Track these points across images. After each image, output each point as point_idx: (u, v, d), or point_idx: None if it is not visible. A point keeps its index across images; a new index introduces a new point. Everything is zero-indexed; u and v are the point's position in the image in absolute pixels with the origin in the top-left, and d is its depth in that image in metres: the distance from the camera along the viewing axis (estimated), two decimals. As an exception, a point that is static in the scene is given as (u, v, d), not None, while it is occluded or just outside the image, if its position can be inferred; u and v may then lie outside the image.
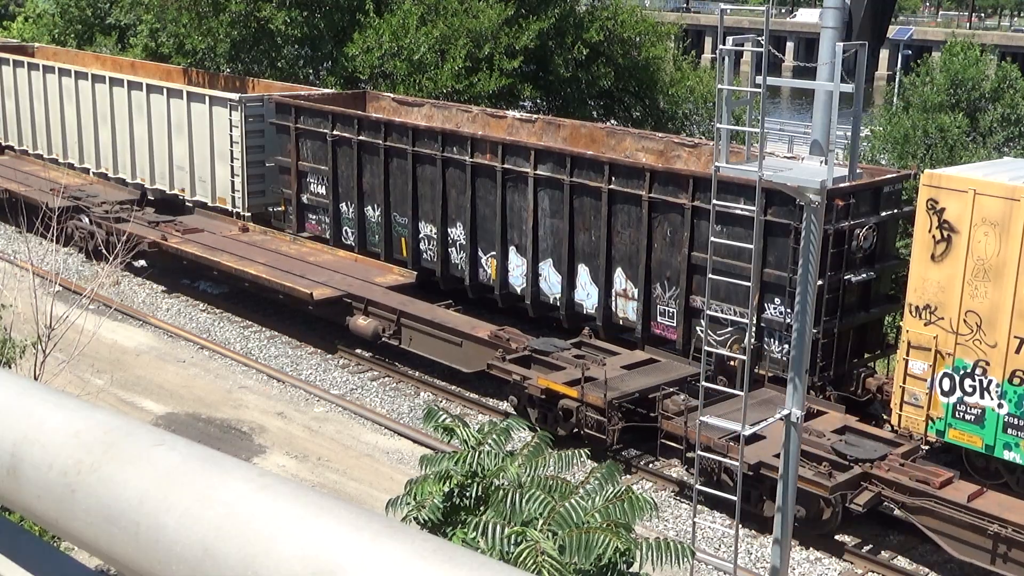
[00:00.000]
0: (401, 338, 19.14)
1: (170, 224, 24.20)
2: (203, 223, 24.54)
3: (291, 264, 21.55)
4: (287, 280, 20.54)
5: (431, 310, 19.17)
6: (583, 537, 6.23)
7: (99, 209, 25.08)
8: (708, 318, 14.67)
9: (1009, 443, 14.06)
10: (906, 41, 61.12)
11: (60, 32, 36.39)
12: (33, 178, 27.29)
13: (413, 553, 1.50)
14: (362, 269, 21.36)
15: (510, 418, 7.59)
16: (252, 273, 21.04)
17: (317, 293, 19.84)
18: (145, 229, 23.35)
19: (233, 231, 23.94)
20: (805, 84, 10.25)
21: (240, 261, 21.69)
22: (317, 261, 21.85)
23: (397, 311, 19.12)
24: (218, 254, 22.17)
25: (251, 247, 22.74)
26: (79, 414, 1.98)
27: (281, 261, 21.75)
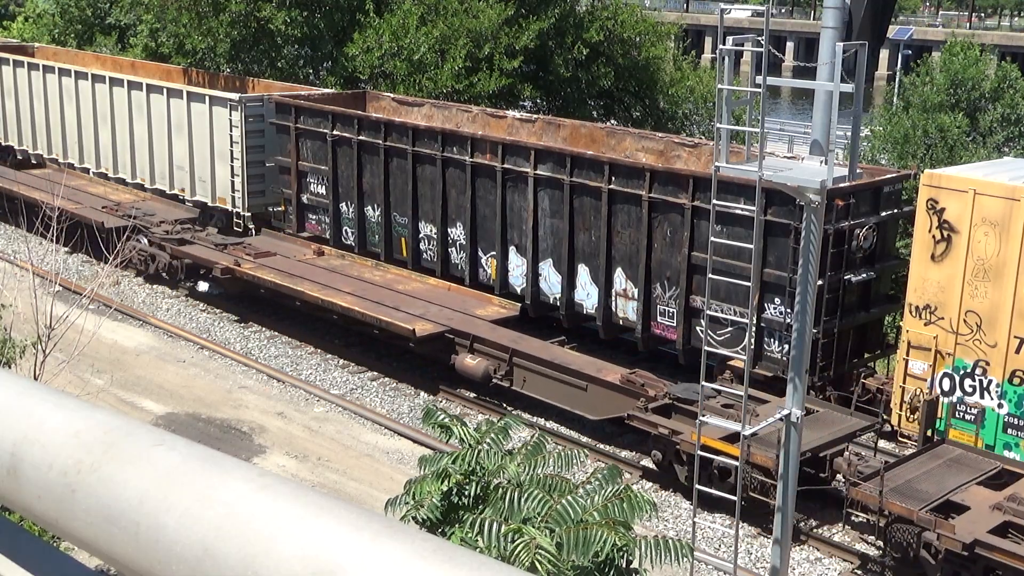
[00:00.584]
0: (513, 379, 17.31)
1: (239, 247, 22.64)
2: (272, 245, 22.98)
3: (379, 293, 19.90)
4: (384, 314, 18.74)
5: (547, 349, 17.50)
6: (580, 533, 6.23)
7: (158, 229, 23.83)
8: (708, 318, 14.66)
9: (1009, 443, 14.06)
10: (906, 41, 61.12)
11: (60, 32, 36.39)
12: (81, 194, 26.23)
13: (413, 553, 1.50)
14: (458, 299, 19.66)
15: (506, 417, 7.60)
16: (342, 305, 19.40)
17: (419, 329, 18.08)
18: (213, 252, 22.31)
19: (307, 255, 22.34)
20: (805, 84, 10.25)
21: (325, 291, 20.04)
22: (406, 290, 20.18)
23: (509, 349, 17.38)
24: (298, 282, 20.54)
25: (331, 273, 21.07)
26: (79, 414, 1.98)
27: (368, 290, 20.09)
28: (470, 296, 19.75)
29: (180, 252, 22.84)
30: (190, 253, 22.61)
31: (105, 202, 25.82)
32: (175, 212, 25.13)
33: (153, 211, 25.07)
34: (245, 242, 23.07)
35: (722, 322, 16.16)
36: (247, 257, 21.89)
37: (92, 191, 26.89)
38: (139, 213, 24.58)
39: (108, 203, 25.72)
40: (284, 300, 21.20)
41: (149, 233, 23.74)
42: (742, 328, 14.85)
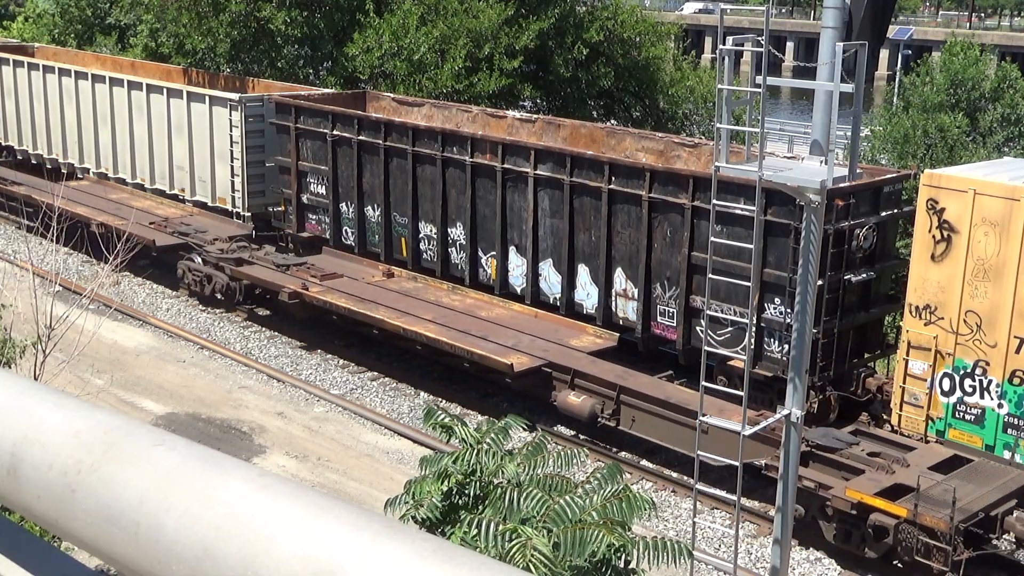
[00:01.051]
0: (620, 418, 15.98)
1: (302, 268, 21.38)
2: (337, 265, 21.67)
3: (463, 321, 18.53)
4: (475, 346, 17.37)
5: (659, 386, 16.20)
6: (577, 533, 6.23)
7: (213, 248, 22.57)
8: (708, 318, 14.66)
9: (1009, 443, 14.06)
10: (906, 41, 61.13)
11: (60, 32, 36.39)
12: (125, 208, 24.84)
13: (413, 553, 1.50)
14: (549, 328, 18.27)
15: (508, 417, 7.60)
16: (428, 335, 18.00)
17: (517, 363, 16.70)
18: (277, 274, 21.12)
19: (376, 277, 21.08)
20: (805, 84, 10.25)
21: (405, 318, 18.66)
22: (490, 316, 18.85)
23: (616, 386, 16.08)
24: (374, 308, 19.11)
25: (406, 298, 19.77)
26: (79, 414, 1.98)
27: (449, 317, 18.77)
28: (562, 324, 18.36)
29: (241, 274, 21.57)
30: (252, 275, 21.42)
31: (151, 217, 24.60)
32: (227, 228, 23.89)
33: (204, 227, 23.81)
34: (308, 263, 21.76)
35: (722, 322, 16.16)
36: (313, 280, 20.59)
37: (136, 204, 25.34)
38: (190, 230, 23.49)
39: (155, 219, 24.53)
40: (359, 328, 19.73)
41: (203, 252, 22.54)
42: (742, 328, 14.84)
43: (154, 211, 25.33)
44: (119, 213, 24.26)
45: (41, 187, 26.03)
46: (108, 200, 26.04)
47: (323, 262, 21.86)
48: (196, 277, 22.53)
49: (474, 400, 18.41)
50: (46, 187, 26.28)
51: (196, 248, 22.70)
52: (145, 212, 24.86)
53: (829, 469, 14.00)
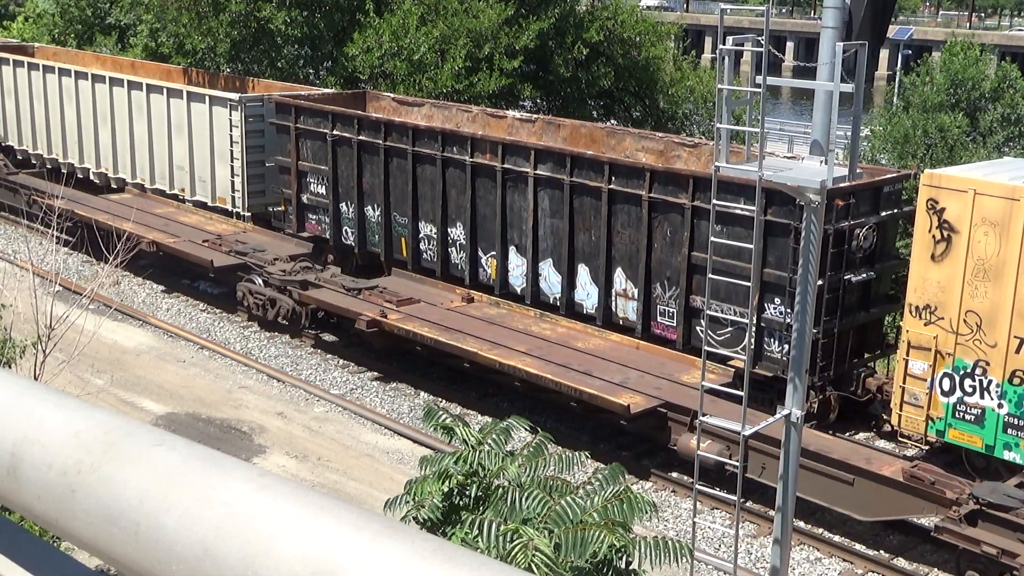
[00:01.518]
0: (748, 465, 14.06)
1: (374, 292, 19.92)
2: (410, 288, 20.30)
3: (560, 353, 17.10)
4: (583, 383, 15.90)
5: None
6: (578, 534, 6.24)
7: (275, 269, 21.22)
8: (708, 318, 14.66)
9: (1009, 443, 14.06)
10: (906, 41, 61.13)
11: (60, 32, 36.38)
12: (174, 223, 24.20)
13: (413, 553, 1.50)
14: (656, 361, 16.78)
15: (511, 417, 7.59)
16: (527, 370, 16.51)
17: (633, 403, 15.31)
18: (349, 299, 19.74)
19: (455, 301, 19.68)
20: (805, 84, 10.25)
21: (498, 350, 17.23)
22: (588, 348, 17.43)
23: None
24: (462, 338, 17.74)
25: (492, 326, 18.38)
26: (79, 414, 1.98)
27: (544, 348, 17.32)
28: (669, 358, 16.94)
29: (309, 299, 20.23)
30: (323, 301, 20.05)
31: (203, 234, 23.55)
32: (285, 246, 22.74)
33: (261, 245, 22.59)
34: (379, 285, 20.32)
35: (722, 322, 16.16)
36: (389, 305, 19.16)
37: (184, 220, 24.61)
38: (248, 249, 22.18)
39: (208, 235, 23.40)
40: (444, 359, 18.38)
41: (265, 273, 21.22)
42: (742, 328, 14.84)
43: (204, 227, 24.23)
44: (168, 230, 23.52)
45: (83, 200, 25.21)
46: (155, 215, 24.80)
47: (395, 284, 20.45)
48: (258, 301, 21.17)
49: (474, 400, 18.41)
50: (88, 200, 25.53)
51: (256, 269, 21.38)
52: (195, 228, 23.96)
53: (1003, 531, 12.65)
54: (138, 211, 24.18)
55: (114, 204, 25.57)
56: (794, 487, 10.40)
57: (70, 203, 24.21)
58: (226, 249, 22.37)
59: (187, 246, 22.65)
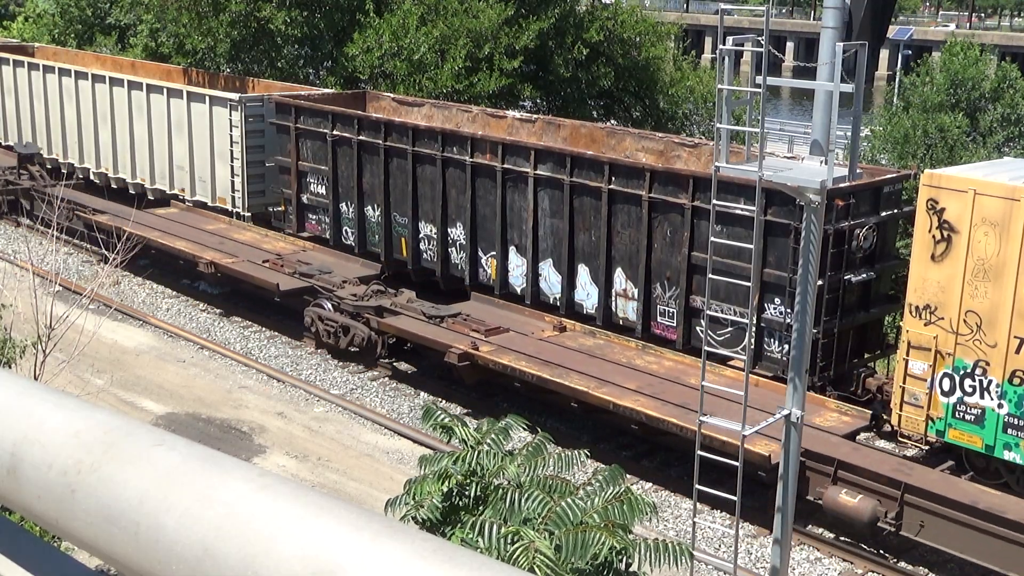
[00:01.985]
0: (902, 523, 13.21)
1: (457, 320, 18.30)
2: (494, 314, 18.70)
3: (674, 391, 15.56)
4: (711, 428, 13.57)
5: (954, 485, 13.45)
6: (579, 536, 6.24)
7: (346, 293, 19.67)
8: (708, 318, 14.66)
9: (1009, 443, 14.06)
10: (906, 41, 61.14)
11: (60, 32, 36.39)
12: (229, 241, 22.67)
13: (413, 553, 1.50)
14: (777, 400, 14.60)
15: (509, 416, 7.59)
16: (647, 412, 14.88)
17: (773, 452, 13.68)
18: (431, 329, 18.13)
19: (547, 331, 18.01)
20: (805, 84, 10.25)
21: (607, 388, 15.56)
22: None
23: (899, 484, 13.18)
24: (564, 373, 16.15)
25: (592, 359, 16.75)
26: (79, 414, 1.98)
27: (655, 385, 15.76)
28: None
29: (389, 327, 18.63)
30: (405, 330, 18.45)
31: (261, 253, 22.07)
32: (351, 267, 21.30)
33: (326, 265, 21.12)
34: (461, 312, 18.65)
35: (722, 322, 16.16)
36: (478, 335, 17.56)
37: (238, 237, 23.18)
38: (313, 270, 20.71)
39: (267, 255, 21.93)
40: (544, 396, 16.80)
41: (335, 297, 19.73)
42: (742, 328, 14.84)
43: (261, 245, 22.75)
44: (224, 248, 22.09)
45: (128, 216, 23.26)
46: (207, 232, 23.35)
47: (477, 311, 18.81)
48: (329, 328, 19.65)
49: (474, 400, 18.41)
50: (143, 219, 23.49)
51: (324, 293, 19.92)
52: (252, 247, 22.56)
53: None
54: (188, 228, 23.38)
55: (163, 220, 24.15)
56: (794, 487, 10.39)
57: (115, 219, 23.47)
58: (289, 270, 20.90)
59: (248, 268, 21.08)
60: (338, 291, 19.78)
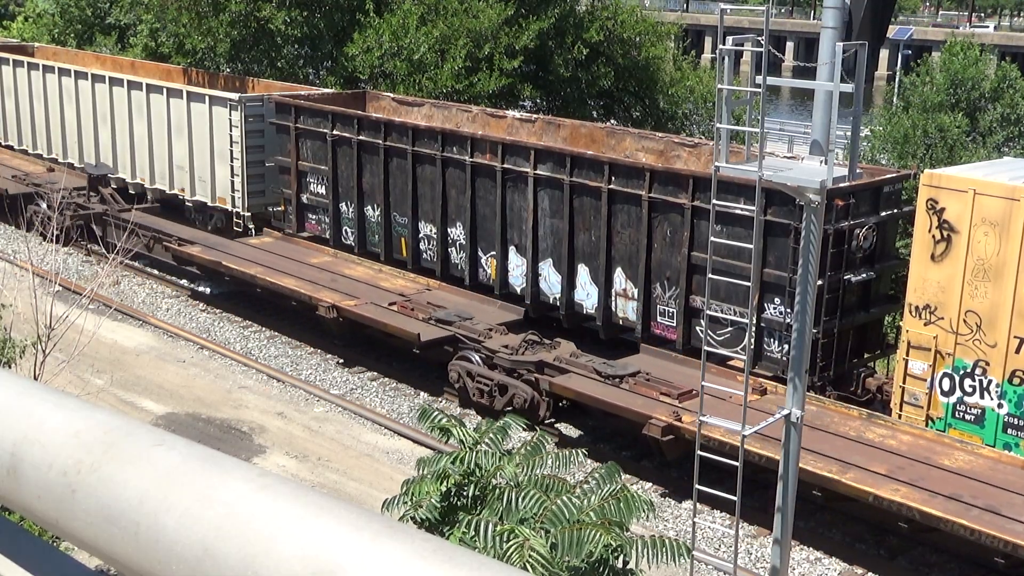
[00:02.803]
0: None
1: (639, 380, 15.94)
2: (672, 371, 16.32)
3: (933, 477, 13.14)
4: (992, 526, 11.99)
5: None
6: (574, 534, 6.24)
7: (496, 344, 17.38)
8: (708, 318, 14.65)
9: (1009, 443, 14.06)
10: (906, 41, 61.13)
11: (60, 32, 36.40)
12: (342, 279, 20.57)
13: (413, 553, 1.50)
14: None
15: (507, 417, 7.60)
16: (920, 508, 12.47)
17: None
18: (614, 392, 15.82)
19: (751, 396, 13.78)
20: (805, 84, 10.25)
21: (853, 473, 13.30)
22: (957, 466, 13.38)
23: None
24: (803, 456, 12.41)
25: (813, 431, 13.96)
26: (79, 414, 1.98)
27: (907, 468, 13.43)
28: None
29: (566, 390, 16.20)
30: (583, 393, 15.99)
31: (379, 291, 19.92)
32: (488, 310, 18.92)
33: (461, 309, 18.85)
34: (640, 370, 16.28)
35: (722, 322, 16.16)
36: (668, 399, 15.36)
37: (349, 273, 20.96)
38: (451, 316, 18.36)
39: (388, 294, 19.69)
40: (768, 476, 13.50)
41: (484, 350, 17.49)
42: (742, 328, 14.84)
43: (378, 283, 20.46)
44: (337, 287, 20.00)
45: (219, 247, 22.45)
46: (313, 267, 21.22)
47: (654, 367, 16.45)
48: (483, 387, 17.32)
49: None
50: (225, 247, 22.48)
51: (469, 342, 17.76)
52: (369, 284, 20.31)
53: None
54: (292, 260, 21.45)
55: (261, 252, 22.07)
56: (794, 487, 10.39)
57: (208, 251, 22.19)
58: (423, 315, 18.60)
59: (377, 313, 18.80)
60: (486, 341, 17.54)
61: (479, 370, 17.51)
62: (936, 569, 13.82)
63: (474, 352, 17.67)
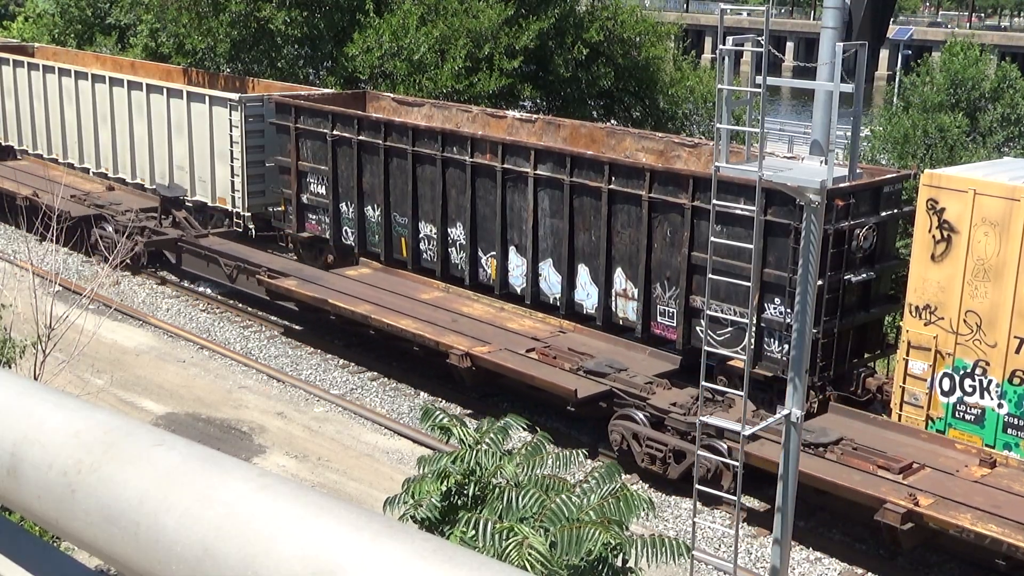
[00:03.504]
0: None
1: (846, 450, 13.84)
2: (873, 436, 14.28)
3: None
4: None
5: None
6: (573, 532, 6.24)
7: (662, 402, 15.34)
8: (708, 318, 14.65)
9: (1009, 443, 14.06)
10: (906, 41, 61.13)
11: (60, 32, 36.40)
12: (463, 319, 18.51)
13: (413, 553, 1.50)
14: None
15: (508, 416, 7.60)
16: None
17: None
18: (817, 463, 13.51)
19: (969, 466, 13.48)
20: (805, 84, 10.25)
21: None
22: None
23: None
24: None
25: None
26: (79, 414, 1.98)
27: None
28: None
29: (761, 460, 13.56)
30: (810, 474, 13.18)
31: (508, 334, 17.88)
32: (636, 357, 16.88)
33: (607, 356, 16.75)
34: (842, 436, 14.14)
35: (722, 322, 16.16)
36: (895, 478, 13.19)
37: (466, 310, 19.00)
38: (604, 366, 16.19)
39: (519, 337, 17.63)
40: None
41: (650, 408, 15.43)
42: (742, 328, 14.84)
43: (504, 323, 18.37)
44: (460, 328, 18.04)
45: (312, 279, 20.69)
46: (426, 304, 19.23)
47: (849, 429, 14.46)
48: (654, 452, 15.26)
49: (474, 400, 18.41)
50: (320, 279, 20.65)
51: (630, 399, 15.60)
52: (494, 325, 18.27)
53: None
54: (400, 296, 19.57)
55: (363, 287, 20.21)
56: (794, 487, 10.39)
57: (305, 285, 20.38)
58: (570, 366, 16.47)
59: (516, 361, 16.64)
60: (651, 398, 15.51)
61: (648, 433, 15.32)
62: (936, 569, 13.82)
63: (636, 410, 15.59)
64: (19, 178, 26.09)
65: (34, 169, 27.87)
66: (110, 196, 26.38)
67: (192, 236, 23.75)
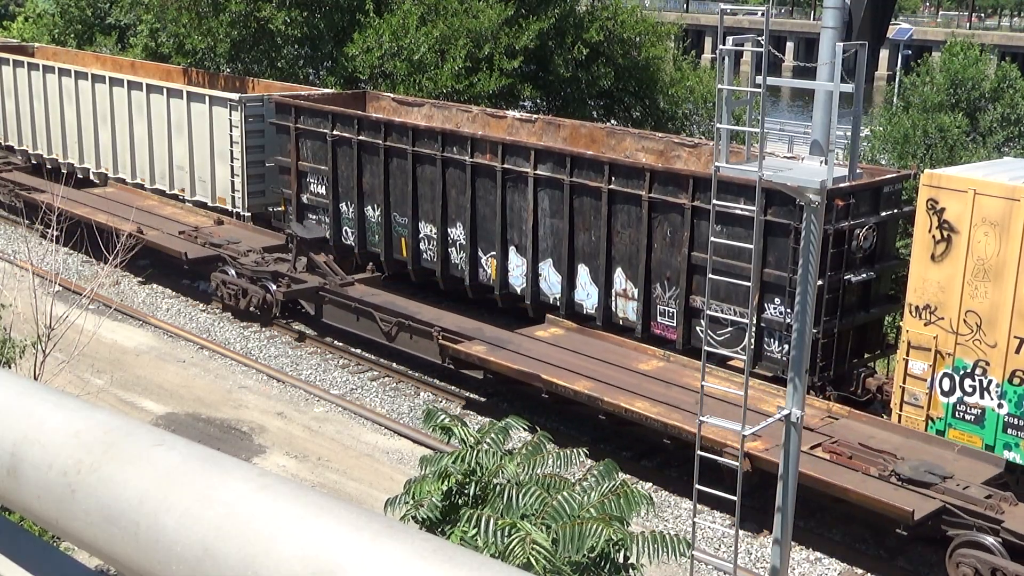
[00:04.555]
0: None
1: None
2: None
3: None
4: None
5: None
6: (575, 528, 6.25)
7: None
8: (708, 318, 14.65)
9: (1009, 443, 14.07)
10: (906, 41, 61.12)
11: (60, 32, 36.40)
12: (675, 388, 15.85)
13: (413, 553, 1.50)
14: None
15: (509, 417, 7.60)
16: None
17: None
18: None
19: None
20: (805, 84, 10.24)
21: None
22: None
23: None
24: None
25: None
26: (79, 414, 1.98)
27: None
28: None
29: None
30: None
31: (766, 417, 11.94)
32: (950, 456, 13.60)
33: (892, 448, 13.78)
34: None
35: (722, 322, 16.16)
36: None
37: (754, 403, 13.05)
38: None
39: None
40: None
41: None
42: (742, 328, 14.84)
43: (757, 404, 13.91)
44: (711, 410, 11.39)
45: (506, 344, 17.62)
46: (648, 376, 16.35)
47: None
48: None
49: (474, 400, 18.40)
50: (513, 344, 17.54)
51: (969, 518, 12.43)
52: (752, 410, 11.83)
53: None
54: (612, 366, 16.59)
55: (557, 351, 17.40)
56: (794, 487, 10.39)
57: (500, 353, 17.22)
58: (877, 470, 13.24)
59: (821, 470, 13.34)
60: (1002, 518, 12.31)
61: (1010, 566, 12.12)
62: (936, 569, 13.81)
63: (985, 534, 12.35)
64: (113, 209, 24.32)
65: (124, 197, 26.03)
66: (224, 232, 23.57)
67: (336, 284, 20.77)
